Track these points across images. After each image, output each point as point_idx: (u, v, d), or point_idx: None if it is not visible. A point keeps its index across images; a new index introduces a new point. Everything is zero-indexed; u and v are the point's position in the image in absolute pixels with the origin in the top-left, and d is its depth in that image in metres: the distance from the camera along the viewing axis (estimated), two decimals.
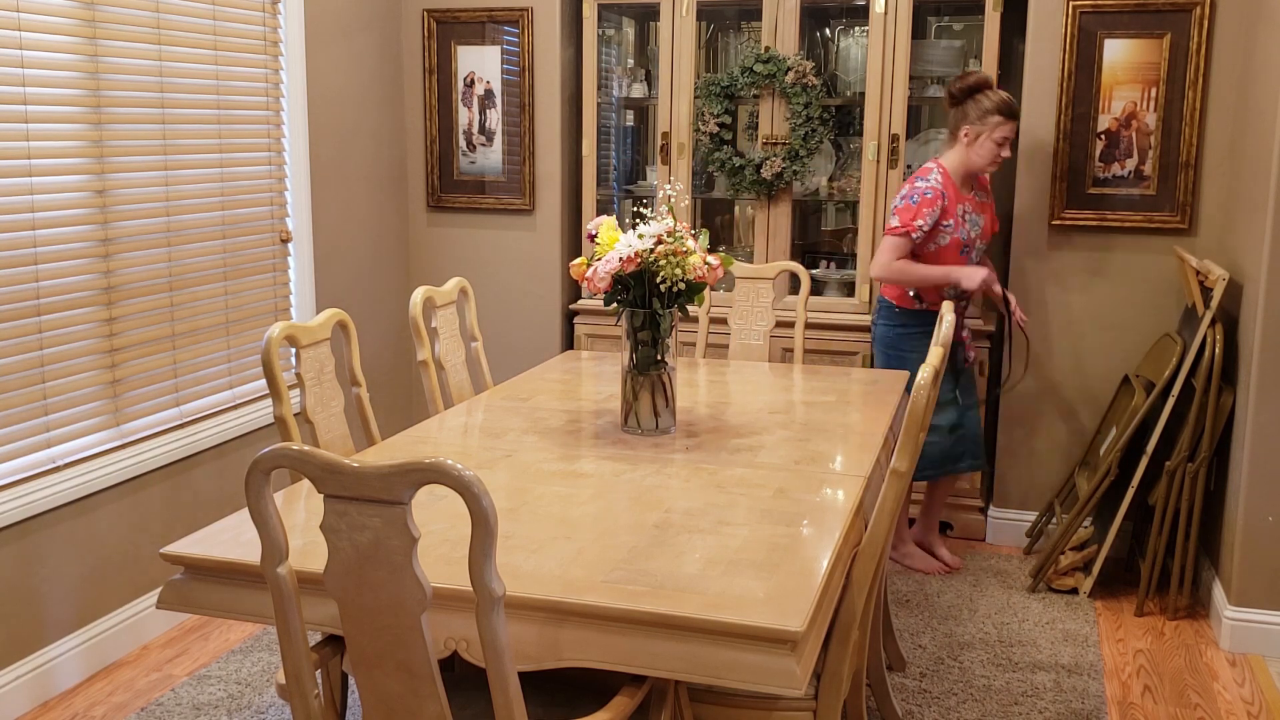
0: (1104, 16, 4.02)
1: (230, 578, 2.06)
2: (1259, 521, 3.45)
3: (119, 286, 3.39)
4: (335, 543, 1.70)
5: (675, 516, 2.25)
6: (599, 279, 2.66)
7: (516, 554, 2.04)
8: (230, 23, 3.79)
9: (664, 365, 2.80)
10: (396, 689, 1.76)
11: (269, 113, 4.02)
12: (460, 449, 2.73)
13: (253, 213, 3.96)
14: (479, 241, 4.89)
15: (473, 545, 1.62)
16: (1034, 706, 3.14)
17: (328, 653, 2.15)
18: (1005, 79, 4.40)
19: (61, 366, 3.21)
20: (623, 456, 2.65)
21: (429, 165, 4.87)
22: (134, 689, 3.24)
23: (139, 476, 3.47)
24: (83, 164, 3.25)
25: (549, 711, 2.08)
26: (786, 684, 1.78)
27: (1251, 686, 3.30)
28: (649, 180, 4.86)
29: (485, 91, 4.77)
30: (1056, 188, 4.13)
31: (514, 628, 1.83)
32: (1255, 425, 3.43)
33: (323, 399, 2.75)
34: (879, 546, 2.24)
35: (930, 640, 3.54)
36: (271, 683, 3.26)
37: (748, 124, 4.70)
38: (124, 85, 3.37)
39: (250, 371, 3.96)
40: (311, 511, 2.28)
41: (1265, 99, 3.50)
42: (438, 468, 1.59)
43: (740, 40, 4.89)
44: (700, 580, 1.94)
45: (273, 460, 1.69)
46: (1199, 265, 3.72)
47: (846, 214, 4.84)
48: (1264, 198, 3.41)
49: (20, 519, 3.07)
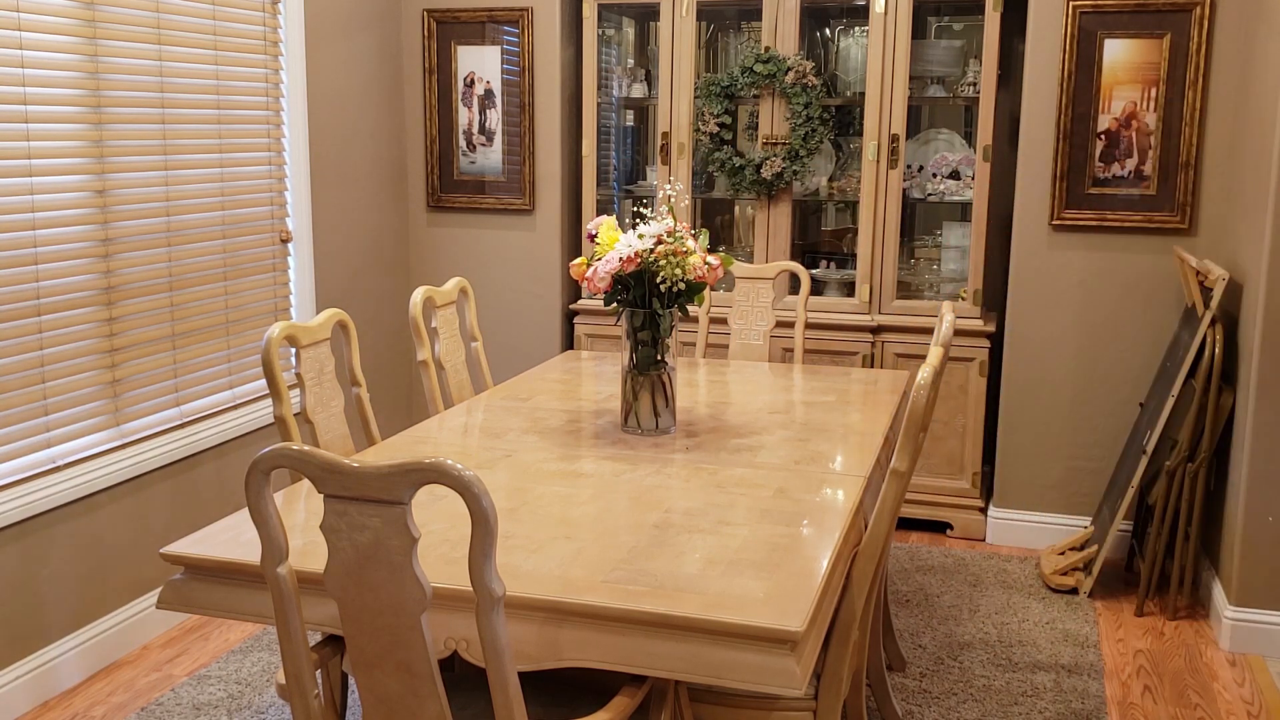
0: (1104, 16, 4.02)
1: (230, 578, 2.06)
2: (1259, 521, 3.45)
3: (119, 286, 3.39)
4: (335, 543, 1.70)
5: (675, 516, 2.25)
6: (599, 279, 2.66)
7: (516, 554, 2.04)
8: (230, 23, 3.79)
9: (664, 365, 2.80)
10: (396, 689, 1.76)
11: (269, 113, 4.02)
12: (460, 449, 2.73)
13: (253, 213, 3.96)
14: (479, 241, 4.89)
15: (473, 545, 1.62)
16: (1034, 706, 3.14)
17: (328, 653, 2.15)
18: (1005, 79, 4.41)
19: (61, 366, 3.21)
20: (623, 456, 2.65)
21: (429, 165, 4.87)
22: (134, 689, 3.24)
23: (139, 476, 3.47)
24: (83, 164, 3.25)
25: (549, 711, 2.08)
26: (786, 684, 1.78)
27: (1251, 686, 3.30)
28: (649, 180, 4.86)
29: (485, 91, 4.77)
30: (1056, 188, 4.13)
31: (514, 628, 1.83)
32: (1255, 425, 3.43)
33: (323, 399, 2.75)
34: (879, 546, 2.24)
35: (930, 640, 3.54)
36: (271, 683, 3.26)
37: (748, 124, 4.70)
38: (124, 85, 3.37)
39: (250, 371, 3.96)
40: (311, 511, 2.28)
41: (1265, 99, 3.50)
42: (438, 468, 1.59)
43: (740, 40, 4.89)
44: (700, 580, 1.94)
45: (273, 460, 1.69)
46: (1198, 265, 3.72)
47: (846, 214, 4.84)
48: (1264, 198, 3.41)
49: (20, 519, 3.07)
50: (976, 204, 4.30)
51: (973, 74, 4.41)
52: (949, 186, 4.50)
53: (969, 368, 4.32)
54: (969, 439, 4.37)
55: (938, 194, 4.51)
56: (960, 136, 4.66)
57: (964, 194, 4.45)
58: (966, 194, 4.44)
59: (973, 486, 4.41)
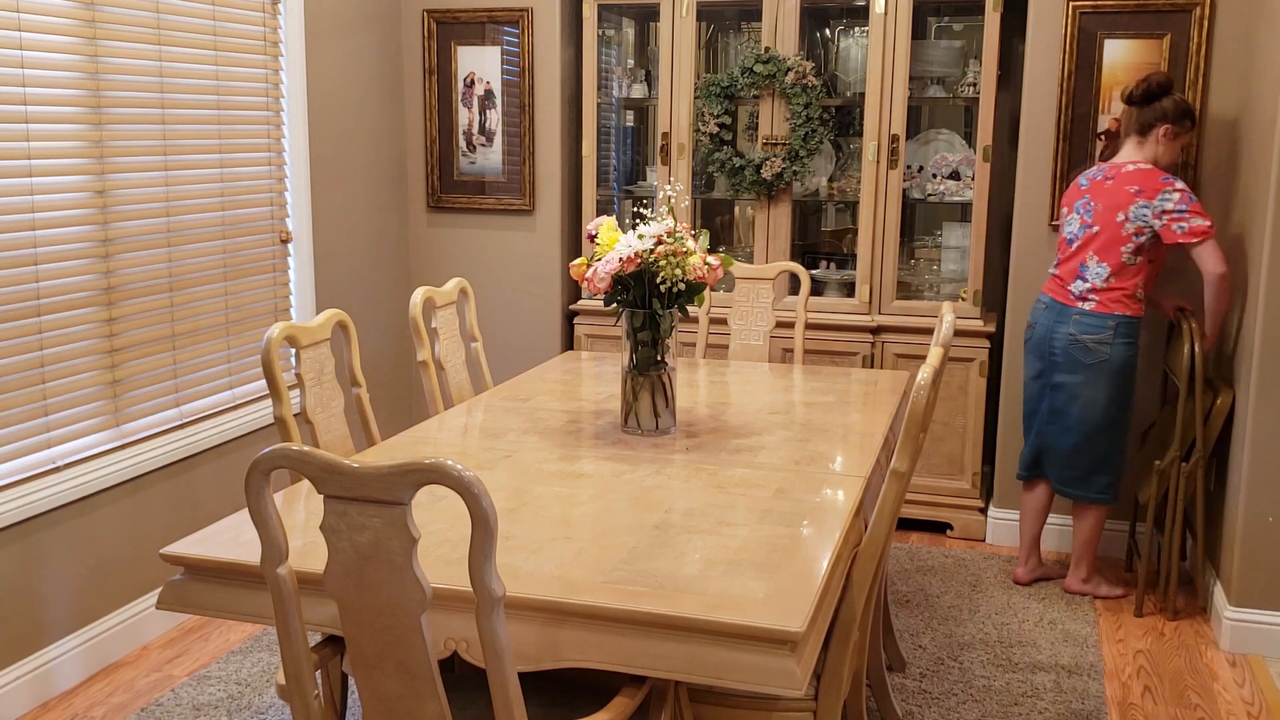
0: (1104, 17, 4.02)
1: (230, 578, 2.06)
2: (1259, 521, 3.45)
3: (119, 287, 3.39)
4: (335, 543, 1.70)
5: (675, 517, 2.25)
6: (599, 279, 2.66)
7: (516, 554, 2.04)
8: (230, 23, 3.79)
9: (664, 366, 2.80)
10: (396, 689, 1.76)
11: (269, 113, 4.02)
12: (460, 449, 2.73)
13: (253, 213, 3.96)
14: (479, 242, 4.89)
15: (473, 546, 1.62)
16: (1034, 707, 3.14)
17: (328, 653, 2.15)
18: (1005, 79, 4.41)
19: (61, 367, 3.21)
20: (623, 457, 2.65)
21: (429, 165, 4.87)
22: (134, 689, 3.24)
23: (139, 477, 3.47)
24: (83, 164, 3.25)
25: (549, 712, 2.08)
26: (786, 684, 1.78)
27: (1251, 687, 3.30)
28: (649, 180, 4.86)
29: (485, 92, 4.77)
30: (1056, 188, 4.13)
31: (514, 628, 1.83)
32: (1255, 425, 3.42)
33: (323, 399, 2.75)
34: (879, 547, 2.24)
35: (930, 640, 3.54)
36: (271, 683, 3.26)
37: (748, 124, 4.70)
38: (124, 85, 3.37)
39: (250, 372, 3.96)
40: (311, 512, 2.28)
41: (1265, 99, 3.50)
42: (438, 468, 1.59)
43: (740, 40, 4.89)
44: (700, 581, 1.94)
45: (273, 461, 1.69)
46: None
47: (846, 214, 4.84)
48: (1264, 198, 3.41)
49: (20, 519, 3.07)
50: (976, 204, 4.30)
51: (973, 74, 4.41)
52: (949, 187, 4.50)
53: (969, 368, 4.33)
54: (969, 439, 4.37)
55: (938, 194, 4.51)
56: (960, 137, 4.66)
57: (964, 194, 4.45)
58: (966, 194, 4.44)
59: (973, 487, 4.42)
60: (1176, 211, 3.53)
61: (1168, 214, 3.53)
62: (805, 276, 3.88)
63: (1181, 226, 3.52)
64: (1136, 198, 3.57)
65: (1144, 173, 3.61)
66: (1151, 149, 3.66)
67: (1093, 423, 3.70)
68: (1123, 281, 3.62)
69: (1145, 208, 3.56)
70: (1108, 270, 3.63)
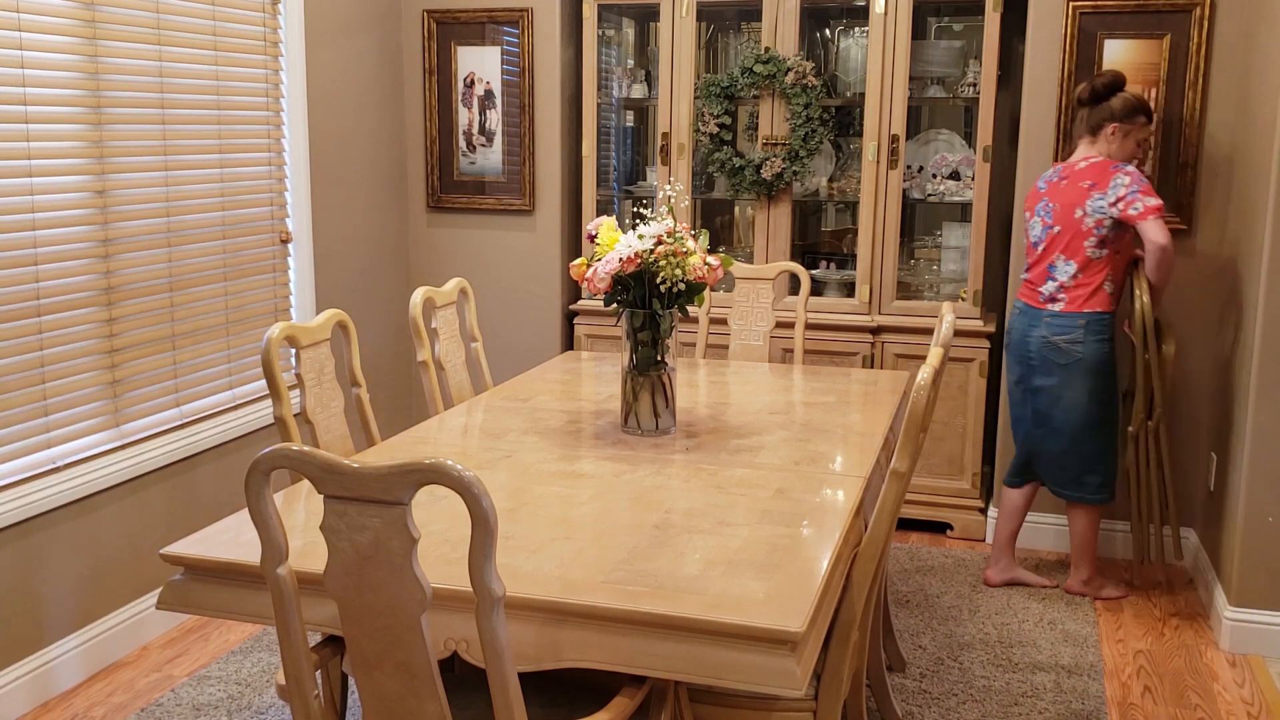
0: (1104, 17, 4.02)
1: (230, 578, 2.06)
2: (1259, 521, 3.45)
3: (119, 287, 3.39)
4: (335, 543, 1.70)
5: (675, 517, 2.25)
6: (599, 279, 2.66)
7: (516, 554, 2.04)
8: (230, 23, 3.79)
9: (664, 366, 2.80)
10: (396, 689, 1.76)
11: (269, 113, 4.02)
12: (460, 449, 2.73)
13: (253, 213, 3.96)
14: (479, 242, 4.89)
15: (473, 546, 1.62)
16: (1034, 707, 3.14)
17: (328, 653, 2.16)
18: (1005, 79, 4.41)
19: (61, 367, 3.21)
20: (623, 457, 2.65)
21: (429, 165, 4.87)
22: (134, 689, 3.24)
23: (139, 477, 3.47)
24: (83, 164, 3.25)
25: (549, 712, 2.08)
26: (786, 684, 1.78)
27: (1251, 687, 3.30)
28: (649, 181, 4.86)
29: (485, 92, 4.77)
30: None
31: (514, 628, 1.83)
32: (1255, 425, 3.43)
33: (323, 399, 2.75)
34: (879, 547, 2.24)
35: (930, 640, 3.54)
36: (271, 683, 3.26)
37: (748, 124, 4.70)
38: (124, 85, 3.37)
39: (250, 372, 3.96)
40: (311, 512, 2.28)
41: (1265, 99, 3.50)
42: (438, 468, 1.59)
43: (740, 40, 4.89)
44: (700, 581, 1.94)
45: (273, 461, 1.69)
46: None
47: (846, 214, 4.84)
48: (1264, 198, 3.41)
49: (20, 519, 3.07)
50: (976, 204, 4.30)
51: (973, 74, 4.41)
52: (949, 187, 4.50)
53: (969, 368, 4.33)
54: (969, 439, 4.38)
55: (938, 194, 4.51)
56: (960, 137, 4.66)
57: (964, 194, 4.45)
58: (966, 194, 4.44)
59: (973, 487, 4.41)
60: (1129, 194, 3.57)
61: (1121, 199, 3.58)
62: (805, 277, 3.88)
63: (1136, 207, 3.56)
64: (1090, 191, 3.63)
65: (1094, 165, 3.67)
66: (1104, 148, 3.71)
67: (1077, 423, 3.72)
68: (1090, 276, 3.66)
69: (1101, 199, 3.61)
70: (1075, 267, 3.67)
